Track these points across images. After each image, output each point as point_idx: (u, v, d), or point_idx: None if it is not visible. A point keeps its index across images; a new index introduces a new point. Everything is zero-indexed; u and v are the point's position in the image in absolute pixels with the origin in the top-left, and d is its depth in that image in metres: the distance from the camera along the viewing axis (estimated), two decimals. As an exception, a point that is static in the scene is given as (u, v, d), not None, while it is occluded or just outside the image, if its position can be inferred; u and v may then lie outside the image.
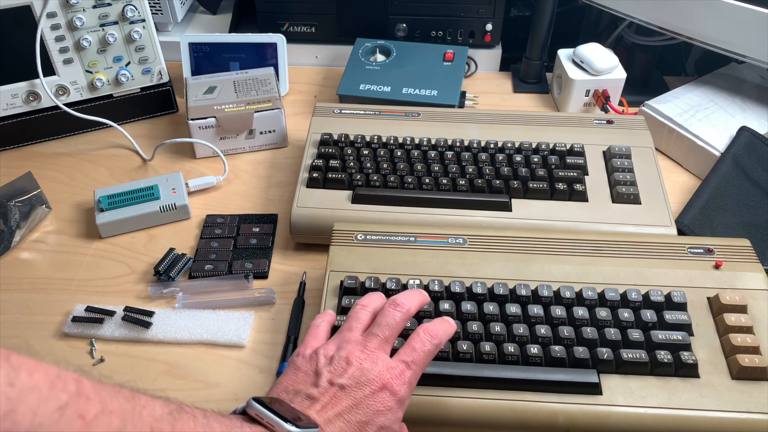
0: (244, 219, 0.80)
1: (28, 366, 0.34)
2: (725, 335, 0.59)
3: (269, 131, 0.89)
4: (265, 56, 0.98)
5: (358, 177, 0.76)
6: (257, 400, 0.45)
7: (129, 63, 0.90)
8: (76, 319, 0.68)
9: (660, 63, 1.02)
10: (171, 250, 0.75)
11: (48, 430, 0.33)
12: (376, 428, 0.47)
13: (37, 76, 0.85)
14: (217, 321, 0.68)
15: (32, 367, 0.34)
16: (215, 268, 0.73)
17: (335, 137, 0.81)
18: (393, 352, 0.51)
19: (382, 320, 0.51)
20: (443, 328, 0.52)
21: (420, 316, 0.61)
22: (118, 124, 0.92)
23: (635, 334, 0.58)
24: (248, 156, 0.90)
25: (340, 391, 0.47)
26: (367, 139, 0.81)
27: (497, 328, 0.59)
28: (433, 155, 0.78)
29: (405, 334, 0.58)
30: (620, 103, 0.93)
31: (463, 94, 0.96)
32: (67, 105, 0.88)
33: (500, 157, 0.78)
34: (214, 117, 0.86)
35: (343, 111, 0.85)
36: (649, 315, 0.60)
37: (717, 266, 0.65)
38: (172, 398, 0.41)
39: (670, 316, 0.60)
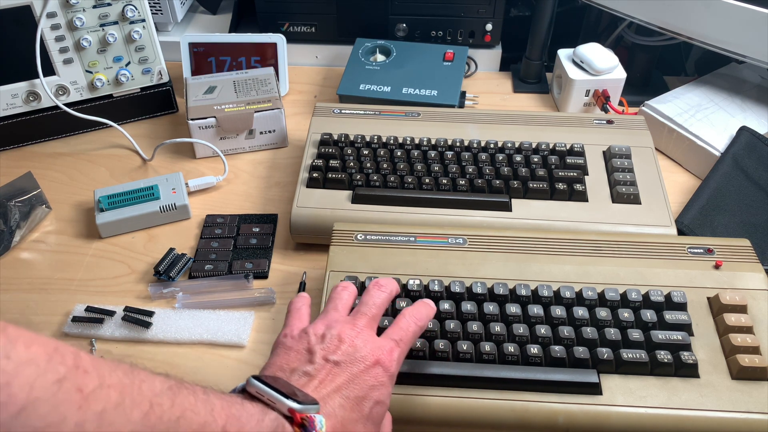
0: (244, 219, 0.80)
1: (25, 338, 0.34)
2: (725, 335, 0.59)
3: (269, 131, 0.89)
4: (265, 56, 0.98)
5: (358, 177, 0.76)
6: (256, 377, 0.46)
7: (129, 63, 0.90)
8: (76, 319, 0.68)
9: (660, 63, 1.02)
10: (171, 250, 0.75)
11: (45, 403, 0.33)
12: (372, 403, 0.48)
13: (37, 76, 0.85)
14: (217, 321, 0.68)
15: (30, 339, 0.34)
16: (215, 268, 0.73)
17: (335, 137, 0.81)
18: (380, 332, 0.53)
19: (368, 300, 0.54)
20: (425, 310, 0.55)
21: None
22: (118, 124, 0.92)
23: (635, 334, 0.58)
24: (248, 156, 0.90)
25: (336, 368, 0.48)
26: (367, 139, 0.81)
27: (497, 328, 0.59)
28: (433, 155, 0.78)
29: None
30: (620, 103, 0.93)
31: (463, 94, 0.96)
32: (67, 105, 0.88)
33: (500, 157, 0.78)
34: (214, 117, 0.86)
35: (343, 111, 0.85)
36: (649, 315, 0.60)
37: (717, 266, 0.65)
38: (172, 375, 0.41)
39: (670, 316, 0.60)
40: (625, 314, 0.60)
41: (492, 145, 0.79)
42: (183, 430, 0.38)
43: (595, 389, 0.56)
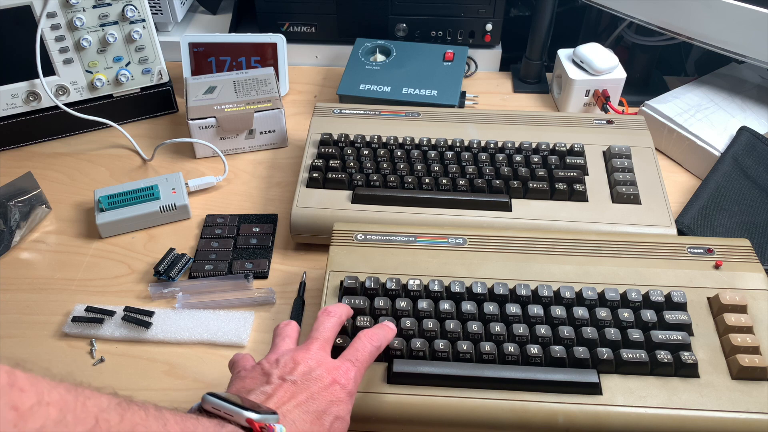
0: (244, 219, 0.80)
1: None
2: (725, 335, 0.59)
3: (269, 131, 0.89)
4: (265, 56, 0.98)
5: (358, 177, 0.76)
6: (211, 393, 0.45)
7: (129, 63, 0.90)
8: (76, 319, 0.68)
9: (660, 63, 1.02)
10: (171, 250, 0.75)
11: None
12: (332, 417, 0.48)
13: (37, 76, 0.85)
14: (217, 321, 0.68)
15: None
16: (215, 268, 0.73)
17: (335, 137, 0.81)
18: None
19: (318, 326, 0.54)
20: (382, 332, 0.56)
21: (420, 317, 0.61)
22: (118, 124, 0.92)
23: (635, 334, 0.58)
24: (248, 156, 0.90)
25: (293, 386, 0.48)
26: (367, 139, 0.81)
27: (497, 328, 0.59)
28: (433, 155, 0.78)
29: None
30: (620, 103, 0.93)
31: (463, 94, 0.96)
32: (67, 105, 0.88)
33: (500, 157, 0.78)
34: (214, 117, 0.86)
35: (343, 111, 0.85)
36: (649, 315, 0.60)
37: (717, 266, 0.65)
38: (120, 394, 0.40)
39: (670, 316, 0.60)
40: (625, 314, 0.60)
41: (492, 145, 0.79)
42: None
43: (595, 389, 0.56)
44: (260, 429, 0.43)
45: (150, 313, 0.69)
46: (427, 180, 0.76)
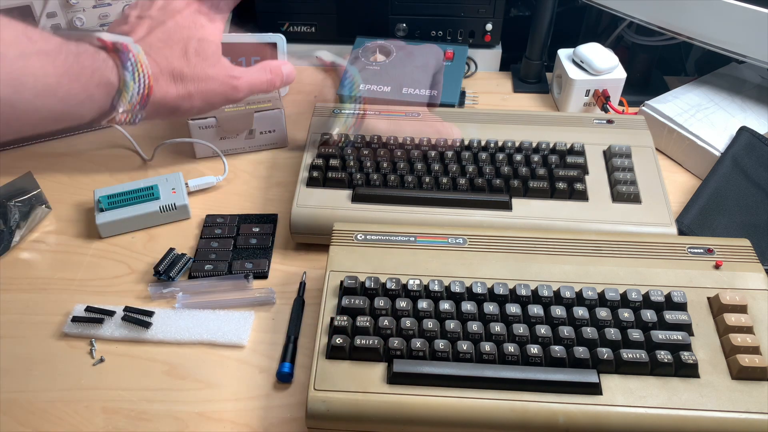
0: (244, 219, 0.80)
1: None
2: (725, 335, 0.59)
3: (269, 131, 0.89)
4: (265, 56, 0.98)
5: (358, 176, 0.76)
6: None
7: (129, 63, 0.90)
8: (76, 319, 0.68)
9: (660, 63, 1.02)
10: (171, 250, 0.75)
11: None
12: (195, 41, 0.47)
13: (37, 76, 0.85)
14: (217, 321, 0.68)
15: None
16: (215, 268, 0.73)
17: (335, 137, 0.81)
18: None
19: None
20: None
21: (420, 317, 0.61)
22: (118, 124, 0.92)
23: (635, 334, 0.58)
24: (248, 156, 0.90)
25: (151, 20, 0.48)
26: (367, 138, 0.81)
27: (497, 328, 0.59)
28: (433, 155, 0.78)
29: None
30: (620, 103, 0.93)
31: (463, 93, 0.96)
32: (67, 105, 0.88)
33: (500, 157, 0.78)
34: (214, 117, 0.86)
35: (343, 111, 0.85)
36: (649, 315, 0.60)
37: (717, 266, 0.65)
38: None
39: (670, 316, 0.60)
40: (625, 314, 0.60)
41: (492, 145, 0.79)
42: None
43: (595, 389, 0.56)
44: (113, 46, 0.42)
45: (150, 313, 0.69)
46: (427, 179, 0.76)
